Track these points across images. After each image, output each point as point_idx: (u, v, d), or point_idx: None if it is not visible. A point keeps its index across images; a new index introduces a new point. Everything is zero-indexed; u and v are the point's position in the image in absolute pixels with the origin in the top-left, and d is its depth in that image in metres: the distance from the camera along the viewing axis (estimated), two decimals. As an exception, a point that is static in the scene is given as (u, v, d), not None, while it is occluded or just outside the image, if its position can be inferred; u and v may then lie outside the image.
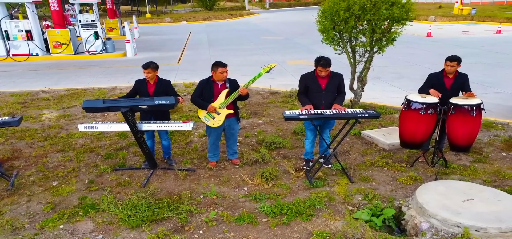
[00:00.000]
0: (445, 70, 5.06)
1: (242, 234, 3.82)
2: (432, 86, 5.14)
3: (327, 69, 4.81)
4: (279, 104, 8.30)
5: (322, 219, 4.06)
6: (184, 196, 4.54)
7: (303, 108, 4.76)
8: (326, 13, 6.51)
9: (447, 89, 5.03)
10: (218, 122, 4.89)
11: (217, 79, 4.91)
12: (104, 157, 5.78)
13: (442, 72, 5.14)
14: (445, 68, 5.05)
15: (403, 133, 4.95)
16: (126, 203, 4.36)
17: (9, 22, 14.66)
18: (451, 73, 5.01)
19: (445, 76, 5.10)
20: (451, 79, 5.06)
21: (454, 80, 5.05)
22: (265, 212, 4.17)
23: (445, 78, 5.10)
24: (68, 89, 10.20)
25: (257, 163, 5.38)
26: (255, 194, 4.56)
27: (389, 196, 4.51)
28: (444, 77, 5.10)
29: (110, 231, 3.91)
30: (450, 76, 5.06)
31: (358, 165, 5.36)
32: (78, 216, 4.18)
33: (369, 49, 6.77)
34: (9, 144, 6.30)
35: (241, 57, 15.22)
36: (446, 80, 5.08)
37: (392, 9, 6.17)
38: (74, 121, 7.54)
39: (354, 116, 4.68)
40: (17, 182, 4.98)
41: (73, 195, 4.68)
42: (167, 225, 3.98)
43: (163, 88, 5.05)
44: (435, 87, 5.10)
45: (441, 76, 5.13)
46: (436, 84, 5.12)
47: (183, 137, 6.48)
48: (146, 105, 4.47)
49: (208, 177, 5.04)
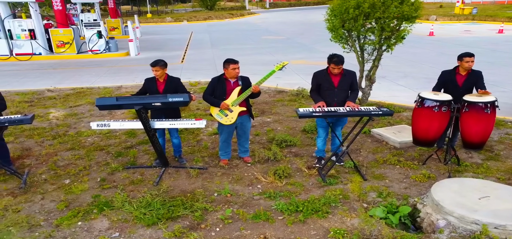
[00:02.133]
0: (461, 67, 5.05)
1: (259, 232, 3.81)
2: (444, 83, 5.14)
3: (340, 67, 4.80)
4: (286, 103, 8.29)
5: (338, 217, 4.05)
6: (197, 194, 4.53)
7: (316, 106, 4.76)
8: (335, 11, 6.50)
9: (459, 87, 5.03)
10: (231, 120, 4.88)
11: (229, 76, 4.90)
12: (114, 155, 5.77)
13: (454, 70, 5.14)
14: (460, 66, 5.04)
15: (416, 131, 4.94)
16: (140, 201, 4.34)
17: (12, 21, 14.62)
18: (468, 69, 5.00)
19: (457, 74, 5.10)
20: (463, 76, 5.06)
21: (466, 77, 5.04)
22: (280, 209, 4.16)
23: (457, 75, 5.10)
24: (73, 88, 10.18)
25: (269, 161, 5.37)
26: (269, 191, 4.55)
27: (403, 193, 4.51)
28: (456, 74, 5.10)
29: (126, 229, 3.90)
30: (463, 74, 5.06)
31: (370, 162, 5.36)
32: (92, 214, 4.17)
33: (378, 48, 6.76)
34: (19, 142, 6.28)
35: (244, 57, 15.16)
36: (458, 78, 5.08)
37: (401, 7, 6.17)
38: (81, 120, 7.52)
39: (367, 114, 4.68)
40: (29, 180, 4.96)
41: (86, 193, 4.66)
42: (182, 223, 3.97)
43: (173, 86, 5.03)
44: (447, 85, 5.11)
45: (454, 73, 5.13)
46: (448, 82, 5.12)
47: (193, 135, 6.47)
48: (159, 102, 4.46)
49: (220, 175, 5.03)
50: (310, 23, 31.60)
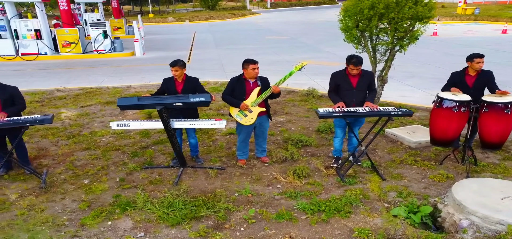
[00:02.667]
0: (470, 68, 5.08)
1: (284, 231, 3.83)
2: (454, 84, 5.16)
3: (359, 67, 4.83)
4: (298, 103, 8.31)
5: (360, 216, 4.07)
6: (218, 194, 4.55)
7: (336, 106, 4.78)
8: (349, 11, 6.52)
9: (469, 87, 5.05)
10: (251, 120, 4.90)
11: (248, 76, 4.92)
12: (131, 155, 5.78)
13: (464, 71, 5.17)
14: (470, 66, 5.07)
15: (435, 131, 4.96)
16: (162, 201, 4.36)
17: (18, 21, 14.62)
18: (478, 70, 5.03)
19: (466, 75, 5.13)
20: (473, 77, 5.09)
21: (476, 78, 5.07)
22: (302, 209, 4.18)
23: (466, 76, 5.12)
24: (82, 88, 10.19)
25: (286, 161, 5.39)
26: (289, 191, 4.57)
27: (422, 193, 4.53)
28: (465, 75, 5.13)
29: (151, 229, 3.92)
30: (473, 75, 5.08)
31: (386, 162, 5.38)
32: (115, 214, 4.19)
33: (391, 48, 6.78)
34: (34, 142, 6.29)
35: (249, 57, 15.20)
36: (468, 79, 5.11)
37: (416, 8, 6.18)
38: (94, 120, 7.54)
39: (387, 114, 4.71)
40: (49, 180, 4.98)
41: (106, 193, 4.68)
42: (206, 223, 3.99)
43: (192, 86, 5.05)
44: (457, 86, 5.12)
45: (463, 74, 5.16)
46: (458, 83, 5.14)
47: (207, 135, 6.49)
48: (181, 102, 4.47)
49: (239, 175, 5.05)
50: (312, 23, 31.64)
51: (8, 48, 14.82)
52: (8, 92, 4.85)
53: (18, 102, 4.92)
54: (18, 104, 4.91)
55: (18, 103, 4.92)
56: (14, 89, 4.96)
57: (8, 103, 4.82)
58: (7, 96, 4.83)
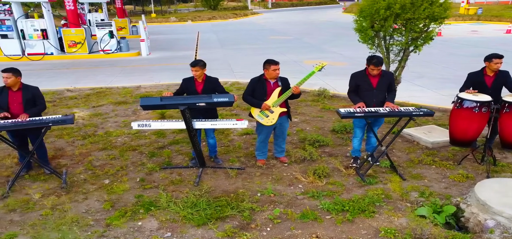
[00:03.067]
0: (488, 68, 5.10)
1: (310, 231, 3.85)
2: (472, 84, 5.18)
3: (379, 68, 4.84)
4: (310, 103, 8.33)
5: (385, 216, 4.08)
6: (241, 194, 4.56)
7: (356, 106, 4.80)
8: (365, 12, 6.53)
9: (488, 87, 5.08)
10: (272, 120, 4.91)
11: (269, 77, 4.93)
12: (148, 155, 5.79)
13: (482, 71, 5.20)
14: (488, 67, 5.10)
15: (455, 131, 4.98)
16: (185, 201, 4.37)
17: (25, 21, 14.61)
18: (496, 70, 5.06)
19: (485, 75, 5.15)
20: (491, 77, 5.11)
21: (495, 78, 5.09)
22: (326, 209, 4.20)
23: (485, 77, 5.15)
24: (92, 88, 10.19)
25: (305, 161, 5.41)
26: (311, 191, 4.59)
27: (444, 193, 4.55)
28: (484, 76, 5.15)
29: (177, 229, 3.93)
30: (491, 75, 5.11)
31: (404, 162, 5.40)
32: (139, 214, 4.20)
33: (405, 48, 6.80)
34: (50, 142, 6.29)
35: (255, 57, 15.20)
36: (487, 79, 5.13)
37: (431, 8, 6.20)
38: (107, 120, 7.54)
39: (408, 114, 4.72)
40: (69, 180, 4.99)
41: (128, 193, 4.69)
42: (232, 223, 4.00)
43: (212, 86, 5.05)
44: (475, 86, 5.14)
45: (481, 75, 5.18)
46: (476, 83, 5.16)
47: (223, 135, 6.50)
48: (204, 103, 4.48)
49: (259, 175, 5.06)
50: (314, 23, 31.68)
51: (15, 48, 14.81)
52: (30, 93, 4.87)
53: (39, 103, 4.93)
54: (39, 104, 4.92)
55: (39, 103, 4.93)
56: (35, 89, 4.98)
57: (30, 103, 4.83)
58: (30, 96, 4.84)
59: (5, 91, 4.80)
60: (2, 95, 4.78)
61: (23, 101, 4.80)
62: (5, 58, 14.75)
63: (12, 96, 4.79)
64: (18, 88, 4.83)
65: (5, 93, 4.79)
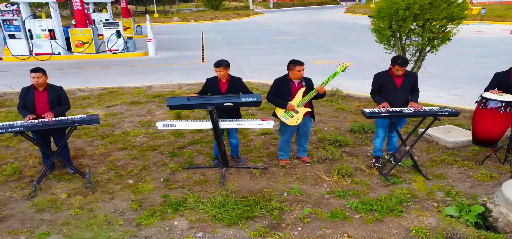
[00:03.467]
0: None
1: (341, 231, 3.86)
2: (498, 84, 5.20)
3: (404, 68, 4.85)
4: (324, 103, 8.34)
5: (413, 216, 4.10)
6: (268, 194, 4.57)
7: (380, 107, 4.81)
8: (383, 12, 6.55)
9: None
10: (297, 120, 4.92)
11: (293, 77, 4.95)
12: (169, 155, 5.80)
13: (509, 71, 5.20)
14: None
15: (479, 131, 5.00)
16: (213, 201, 4.38)
17: (32, 21, 14.62)
18: None
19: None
20: None
21: None
22: (354, 208, 4.21)
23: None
24: (104, 88, 10.19)
25: (327, 161, 5.42)
26: (337, 190, 4.60)
27: (469, 193, 4.56)
28: (511, 76, 5.16)
29: (207, 229, 3.94)
30: None
31: (426, 162, 5.41)
32: (168, 214, 4.20)
33: (422, 48, 6.83)
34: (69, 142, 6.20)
35: (262, 57, 15.24)
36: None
37: (450, 8, 6.23)
38: (123, 120, 7.55)
39: (433, 114, 4.74)
40: (93, 180, 5.00)
41: (154, 193, 4.70)
42: (262, 223, 4.01)
43: (236, 87, 5.06)
44: (501, 86, 5.15)
45: (508, 75, 5.19)
46: (502, 83, 5.17)
47: (242, 135, 6.51)
48: (231, 102, 4.49)
49: (283, 175, 5.07)
50: (318, 23, 31.71)
51: (22, 48, 14.82)
52: (55, 92, 4.88)
53: (64, 102, 4.95)
54: (64, 104, 4.94)
55: (64, 103, 4.95)
56: (60, 89, 4.99)
57: (55, 103, 4.85)
58: (55, 96, 4.86)
59: (31, 91, 4.81)
60: (29, 95, 4.79)
61: (49, 101, 4.82)
62: (12, 58, 14.77)
63: (38, 96, 4.80)
64: (44, 88, 4.85)
65: (31, 93, 4.80)
